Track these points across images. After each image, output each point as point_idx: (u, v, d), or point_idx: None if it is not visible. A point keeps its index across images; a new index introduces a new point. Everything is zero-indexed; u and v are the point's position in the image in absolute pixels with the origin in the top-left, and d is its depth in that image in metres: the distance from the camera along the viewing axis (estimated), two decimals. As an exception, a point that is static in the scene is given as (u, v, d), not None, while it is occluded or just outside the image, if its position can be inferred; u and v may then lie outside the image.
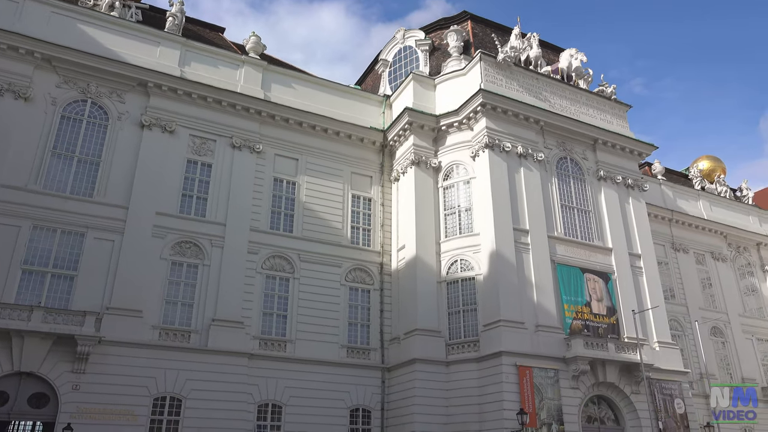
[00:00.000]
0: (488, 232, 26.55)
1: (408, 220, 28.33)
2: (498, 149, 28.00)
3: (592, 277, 28.23)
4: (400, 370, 26.06)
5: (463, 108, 28.86)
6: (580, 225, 29.51)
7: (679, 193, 40.91)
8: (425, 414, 24.30)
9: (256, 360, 24.39)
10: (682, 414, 27.44)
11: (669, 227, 38.61)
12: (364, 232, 29.53)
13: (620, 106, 33.66)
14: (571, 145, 30.85)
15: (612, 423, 26.47)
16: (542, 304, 26.08)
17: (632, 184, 31.97)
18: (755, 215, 44.36)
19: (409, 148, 29.27)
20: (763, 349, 39.10)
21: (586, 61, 33.18)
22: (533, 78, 30.85)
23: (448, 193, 29.05)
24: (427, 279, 26.90)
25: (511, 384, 23.55)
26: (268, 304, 26.00)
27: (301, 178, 28.71)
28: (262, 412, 24.12)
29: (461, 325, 26.27)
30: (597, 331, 27.06)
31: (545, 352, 24.93)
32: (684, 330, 35.47)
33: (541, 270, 26.74)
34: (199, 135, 27.04)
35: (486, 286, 26.03)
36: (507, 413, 22.90)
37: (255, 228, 26.59)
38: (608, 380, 25.94)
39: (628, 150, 32.41)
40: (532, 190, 28.30)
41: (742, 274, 41.30)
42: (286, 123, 28.90)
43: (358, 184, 30.19)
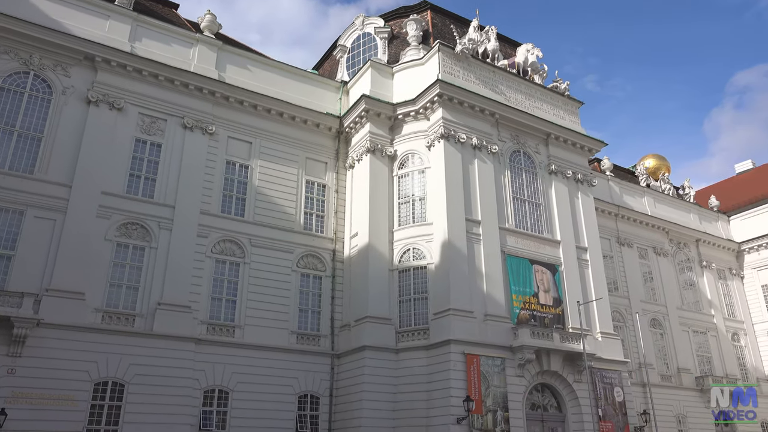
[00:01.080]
0: (441, 221, 26.77)
1: (362, 208, 28.28)
2: (453, 140, 28.20)
3: (540, 268, 28.86)
4: (350, 356, 26.10)
5: (420, 97, 28.91)
6: (531, 217, 30.10)
7: (626, 189, 42.19)
8: (374, 401, 24.43)
9: (204, 345, 23.98)
10: (620, 402, 28.47)
11: (615, 222, 39.81)
12: (318, 219, 29.34)
13: (573, 102, 34.38)
14: (524, 139, 31.35)
15: (554, 410, 27.24)
16: (491, 294, 26.52)
17: (582, 179, 32.76)
18: (696, 213, 46.22)
19: (365, 135, 29.16)
20: (698, 340, 40.91)
21: (542, 56, 33.70)
22: (490, 71, 31.14)
23: (402, 182, 29.12)
24: (379, 267, 26.95)
25: (459, 372, 23.90)
26: (217, 289, 25.56)
27: (255, 162, 28.24)
28: (209, 398, 23.77)
29: (412, 313, 26.47)
30: (543, 321, 27.72)
31: (493, 340, 25.39)
32: (625, 321, 36.72)
33: (491, 260, 27.16)
34: (149, 114, 26.21)
35: (437, 275, 26.28)
36: (454, 400, 23.26)
37: (205, 211, 26.04)
38: (552, 369, 26.65)
39: (579, 146, 33.17)
40: (486, 181, 28.66)
41: (682, 269, 43.02)
42: (241, 105, 28.33)
43: (313, 170, 29.92)
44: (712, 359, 40.89)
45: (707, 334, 41.62)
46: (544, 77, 33.87)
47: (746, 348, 43.89)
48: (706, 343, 41.27)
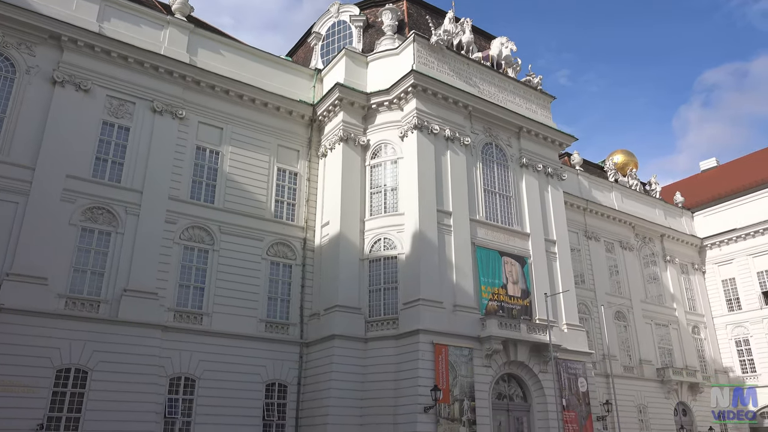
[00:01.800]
0: (413, 212, 26.84)
1: (333, 197, 28.18)
2: (426, 131, 28.24)
3: (510, 260, 29.19)
4: (319, 345, 26.09)
5: (395, 88, 28.85)
6: (501, 210, 30.38)
7: (595, 184, 42.89)
8: (341, 389, 24.50)
9: (170, 332, 23.68)
10: (584, 392, 29.08)
11: (583, 216, 40.46)
12: (289, 207, 29.14)
13: (545, 96, 34.71)
14: (497, 132, 31.56)
15: (520, 400, 27.68)
16: (461, 285, 26.75)
17: (552, 172, 33.17)
18: (661, 208, 47.26)
19: (338, 124, 29.01)
20: (660, 333, 41.99)
21: (516, 50, 33.94)
22: (464, 63, 31.22)
23: (375, 172, 29.09)
24: (350, 256, 26.94)
25: (427, 361, 24.09)
26: (185, 276, 25.24)
27: (226, 148, 27.88)
28: (174, 386, 23.52)
29: (381, 303, 26.56)
30: (511, 312, 28.09)
31: (461, 331, 25.64)
32: (591, 313, 37.46)
33: (461, 252, 27.36)
34: (117, 96, 25.61)
35: (408, 266, 26.38)
36: (422, 389, 23.45)
37: (174, 197, 25.63)
38: (519, 359, 27.05)
39: (550, 140, 33.54)
40: (458, 173, 28.80)
41: (646, 263, 44.01)
42: (212, 90, 27.89)
43: (285, 158, 29.68)
44: (672, 351, 42.02)
45: (669, 326, 42.74)
46: (517, 71, 34.11)
47: (705, 340, 45.22)
48: (668, 336, 42.38)
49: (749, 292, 44.99)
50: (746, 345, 44.72)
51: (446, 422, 23.64)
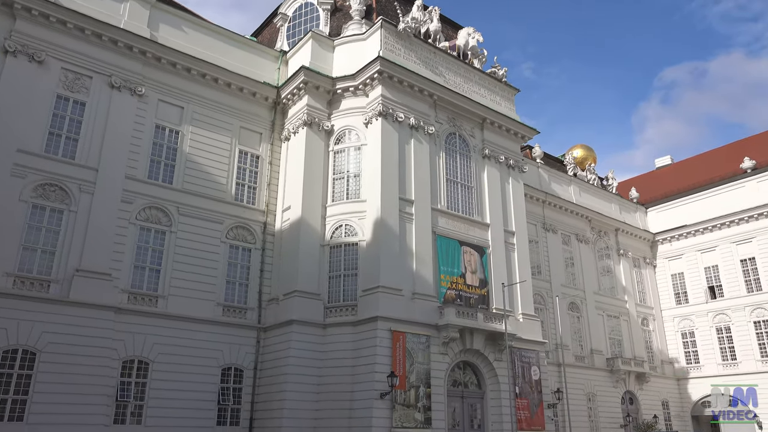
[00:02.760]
0: (375, 199, 26.83)
1: (296, 182, 27.93)
2: (391, 118, 28.20)
3: (469, 249, 29.53)
4: (277, 330, 25.95)
5: (360, 73, 28.66)
6: (463, 200, 30.65)
7: (554, 177, 43.66)
8: (299, 374, 24.48)
9: (124, 314, 23.16)
10: (537, 380, 29.79)
11: (542, 208, 41.19)
12: (250, 190, 28.74)
13: (509, 89, 35.04)
14: (461, 122, 31.75)
15: (474, 387, 28.18)
16: (420, 273, 26.94)
17: (513, 164, 33.61)
18: (617, 203, 48.49)
19: (303, 108, 28.70)
20: (611, 324, 43.26)
21: (482, 41, 34.14)
22: (431, 52, 31.22)
23: (338, 158, 28.93)
24: (310, 241, 26.80)
25: (385, 348, 24.25)
26: (140, 257, 24.68)
27: (186, 128, 27.25)
28: (127, 369, 23.08)
29: (341, 289, 26.55)
30: (469, 301, 28.47)
31: (419, 318, 25.87)
32: (546, 304, 38.29)
33: (422, 240, 27.53)
34: (73, 69, 24.69)
35: (368, 253, 26.41)
36: (378, 376, 23.62)
37: (131, 176, 24.96)
38: (475, 347, 27.49)
39: (512, 132, 33.93)
40: (421, 162, 28.89)
41: (601, 256, 45.17)
42: (173, 68, 27.16)
43: (247, 140, 29.21)
44: (622, 342, 43.38)
45: (620, 318, 44.06)
46: (483, 62, 34.31)
47: (654, 332, 46.82)
48: (618, 327, 43.71)
49: (696, 287, 46.71)
50: (691, 337, 46.51)
51: (402, 408, 23.89)
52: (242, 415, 25.38)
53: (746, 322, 43.37)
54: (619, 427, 38.06)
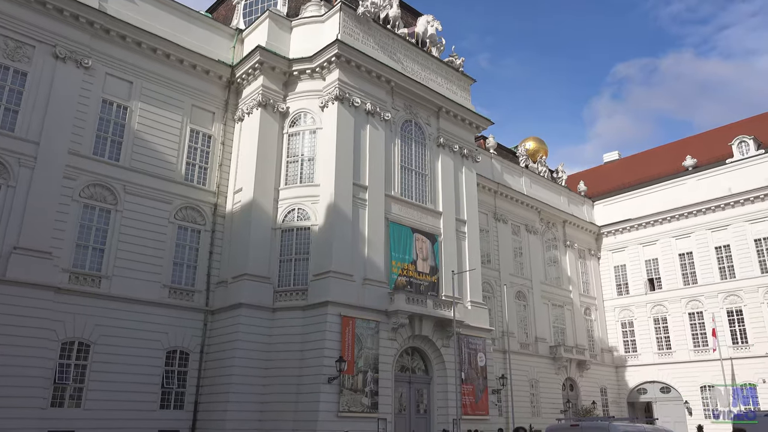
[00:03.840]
0: (328, 184, 26.68)
1: (248, 163, 27.47)
2: (347, 103, 28.01)
3: (421, 237, 29.78)
4: (225, 313, 25.61)
5: (318, 56, 28.31)
6: (416, 187, 30.82)
7: (506, 168, 44.37)
8: (246, 358, 24.27)
9: (65, 295, 22.37)
10: (482, 366, 30.43)
11: (494, 198, 41.84)
12: (201, 170, 28.10)
13: (466, 78, 35.30)
14: (417, 110, 31.83)
15: (422, 373, 28.58)
16: (372, 259, 27.02)
17: (467, 154, 33.96)
18: (565, 196, 49.72)
19: (258, 89, 28.18)
20: (555, 313, 44.54)
21: (441, 29, 34.23)
22: (390, 38, 31.09)
23: (292, 141, 28.59)
24: (261, 225, 26.48)
25: (334, 333, 24.29)
26: (83, 236, 23.84)
27: (135, 104, 26.35)
28: (67, 350, 22.37)
29: (292, 273, 26.38)
30: (419, 288, 28.75)
31: (369, 304, 25.99)
32: (494, 292, 39.05)
33: (375, 226, 27.58)
34: (14, 37, 23.44)
35: (320, 237, 26.30)
36: (327, 360, 23.66)
37: (74, 151, 23.99)
38: (423, 333, 27.83)
39: (467, 122, 34.25)
40: (376, 148, 28.85)
41: (548, 246, 46.31)
42: (123, 41, 26.17)
43: (199, 119, 28.49)
44: (565, 330, 44.74)
45: (564, 307, 45.39)
46: (441, 50, 34.42)
47: (595, 321, 48.44)
48: (562, 316, 45.04)
49: (637, 279, 48.50)
50: (630, 327, 48.35)
51: (349, 393, 24.02)
52: (187, 398, 25.01)
53: (682, 313, 45.35)
54: (560, 413, 39.30)
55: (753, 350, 41.11)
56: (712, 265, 44.37)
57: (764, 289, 41.41)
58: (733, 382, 40.80)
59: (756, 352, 40.84)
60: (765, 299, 41.37)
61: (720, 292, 43.43)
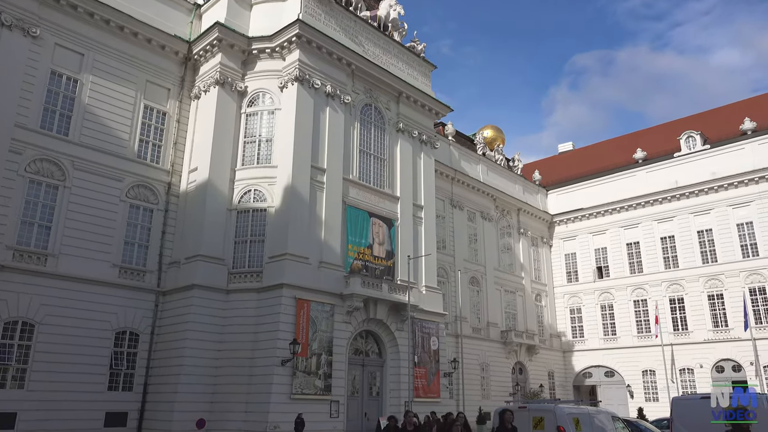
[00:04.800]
0: (286, 166, 26.44)
1: (204, 142, 26.94)
2: (307, 84, 27.71)
3: (378, 221, 29.89)
4: (177, 294, 25.20)
5: (278, 35, 27.86)
6: (375, 172, 30.86)
7: (464, 155, 44.82)
8: (198, 340, 24.00)
9: (8, 273, 21.58)
10: (435, 350, 30.92)
11: (451, 185, 42.26)
12: (154, 148, 27.39)
13: (427, 65, 35.37)
14: (377, 94, 31.76)
15: (375, 356, 28.85)
16: (328, 242, 26.99)
17: (426, 140, 34.15)
18: (521, 184, 50.63)
19: (215, 66, 27.57)
20: (507, 299, 45.52)
21: (404, 14, 34.10)
22: (352, 20, 30.83)
23: (250, 120, 28.15)
24: (217, 205, 26.08)
25: (289, 315, 24.25)
26: (29, 213, 22.97)
27: (86, 77, 25.40)
28: (9, 330, 21.61)
29: (247, 255, 26.13)
30: (375, 272, 28.91)
31: (325, 287, 26.00)
32: (448, 277, 39.59)
33: (332, 209, 27.53)
34: (-45, 1, 22.28)
35: (277, 219, 26.09)
36: (280, 343, 23.63)
37: (21, 124, 23.02)
38: (378, 317, 28.07)
39: (427, 108, 34.39)
40: (335, 131, 28.69)
41: (502, 234, 47.16)
42: (74, 10, 25.11)
43: (153, 95, 27.70)
44: (516, 315, 45.81)
45: (516, 293, 46.43)
46: (403, 35, 34.35)
47: (545, 308, 49.75)
48: (514, 302, 46.07)
49: (586, 267, 49.97)
50: (578, 313, 49.88)
51: (303, 375, 24.08)
52: (136, 380, 24.59)
53: (627, 300, 47.02)
54: (509, 395, 40.35)
55: (692, 336, 43.04)
56: (657, 255, 46.06)
57: (705, 278, 43.31)
58: (673, 367, 42.70)
59: (694, 339, 42.78)
60: (705, 288, 43.28)
61: (664, 281, 45.19)
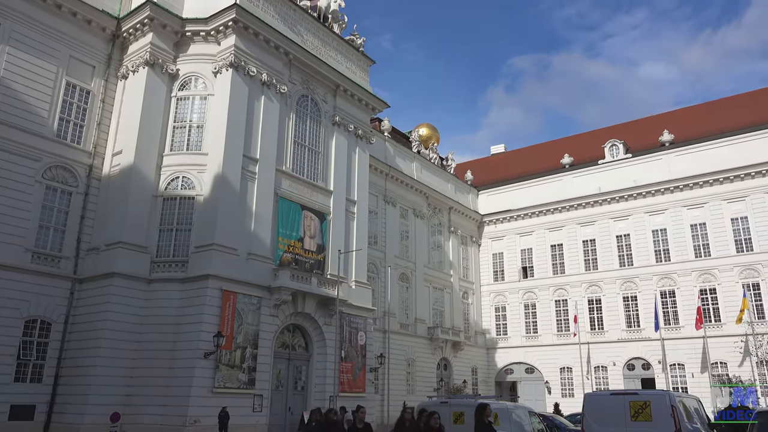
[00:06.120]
0: (217, 154, 25.73)
1: (130, 124, 25.80)
2: (242, 71, 27.06)
3: (310, 214, 29.61)
4: (95, 282, 24.06)
5: (214, 19, 27.04)
6: (309, 164, 30.53)
7: (399, 152, 45.10)
8: (116, 330, 23.01)
9: None
10: (362, 345, 31.01)
11: (385, 181, 42.44)
12: (76, 128, 25.98)
13: (365, 59, 35.31)
14: (314, 86, 31.42)
15: (302, 350, 28.62)
16: (258, 234, 26.51)
17: (362, 135, 34.11)
18: (453, 183, 51.51)
19: (145, 46, 26.44)
20: (436, 296, 46.25)
21: (344, 6, 33.90)
22: (291, 9, 30.34)
23: (181, 105, 27.20)
24: (142, 191, 25.07)
25: (214, 307, 23.66)
26: (-70, 190, 21.32)
27: (2, 48, 23.75)
28: None
29: (172, 244, 25.28)
30: (305, 265, 28.64)
31: (253, 279, 25.53)
32: (378, 273, 39.79)
33: (263, 201, 27.05)
34: None
35: (205, 208, 25.37)
36: (204, 335, 23.03)
37: (-75, 94, 21.31)
38: (306, 311, 27.84)
39: (364, 103, 34.35)
40: (270, 120, 28.17)
41: (433, 231, 47.85)
42: (-10, -25, 23.46)
43: (77, 72, 26.24)
44: (444, 312, 46.62)
45: (444, 291, 47.24)
46: (343, 27, 34.13)
47: (472, 305, 50.90)
48: (442, 299, 46.87)
49: (512, 266, 51.47)
50: (503, 311, 51.33)
51: (226, 369, 23.56)
52: (46, 371, 23.28)
53: (549, 300, 48.81)
54: (433, 390, 41.06)
55: (607, 336, 45.19)
56: (579, 257, 48.03)
57: (621, 281, 45.52)
58: (589, 364, 44.70)
59: (609, 338, 44.94)
60: (621, 290, 45.52)
61: (584, 282, 47.18)
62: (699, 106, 53.76)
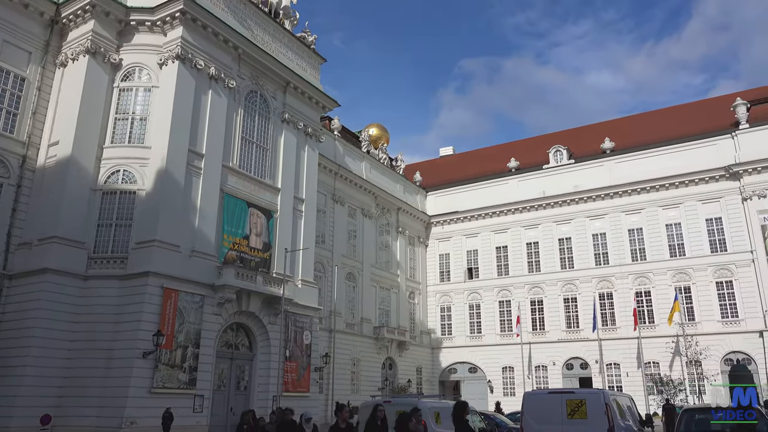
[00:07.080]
0: (161, 147, 25.02)
1: (69, 115, 24.75)
2: (189, 64, 26.41)
3: (257, 212, 29.19)
4: (27, 279, 22.96)
5: (160, 9, 26.29)
6: (256, 161, 30.09)
7: (349, 151, 45.02)
8: (48, 329, 22.01)
9: None
10: (308, 344, 30.78)
11: (333, 180, 42.28)
12: (9, 116, 24.71)
13: (317, 57, 35.07)
14: (264, 82, 30.98)
15: (245, 349, 28.16)
16: (202, 231, 25.93)
17: (311, 133, 33.87)
18: (402, 184, 51.80)
19: (86, 34, 25.43)
20: (382, 295, 46.40)
21: (296, 2, 33.57)
22: (242, 2, 29.82)
23: (123, 96, 26.30)
24: (79, 184, 24.10)
25: (154, 305, 23.00)
26: None
27: (-72, 28, 22.43)
28: None
29: (111, 239, 24.41)
30: (250, 263, 28.20)
31: (196, 277, 24.96)
32: (325, 272, 39.59)
33: (208, 197, 26.48)
34: None
35: (147, 203, 24.62)
36: (143, 334, 22.36)
37: None
38: (250, 310, 27.41)
39: (314, 101, 34.11)
40: (217, 115, 27.60)
41: (381, 231, 48.00)
42: None
43: (11, 58, 24.97)
44: (390, 312, 46.83)
45: (390, 290, 47.44)
46: (294, 24, 33.80)
47: (418, 305, 51.32)
48: (388, 298, 47.06)
49: (458, 267, 52.18)
50: (448, 311, 51.98)
51: (166, 368, 22.93)
52: (-29, 372, 22.08)
53: (493, 301, 49.73)
54: (377, 390, 41.17)
55: (548, 336, 46.41)
56: (522, 259, 49.11)
57: (562, 283, 46.84)
58: (530, 364, 45.78)
59: (550, 338, 46.16)
60: (562, 292, 46.83)
61: (527, 283, 48.30)
62: (639, 115, 55.88)
